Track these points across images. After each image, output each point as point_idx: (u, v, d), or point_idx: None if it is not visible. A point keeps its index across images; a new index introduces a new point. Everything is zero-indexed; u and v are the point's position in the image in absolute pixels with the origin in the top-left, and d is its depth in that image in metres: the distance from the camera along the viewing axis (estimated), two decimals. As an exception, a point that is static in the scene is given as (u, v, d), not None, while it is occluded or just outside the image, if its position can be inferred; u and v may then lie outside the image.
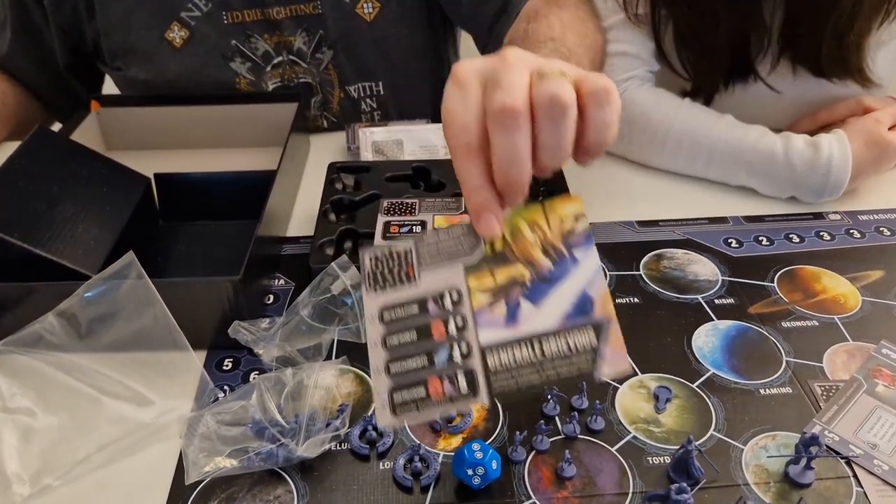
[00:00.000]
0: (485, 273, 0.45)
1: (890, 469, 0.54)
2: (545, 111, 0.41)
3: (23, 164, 0.71)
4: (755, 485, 0.54)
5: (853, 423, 0.58)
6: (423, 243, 0.46)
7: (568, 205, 0.45)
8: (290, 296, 0.70)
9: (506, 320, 0.43)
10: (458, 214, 0.70)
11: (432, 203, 0.72)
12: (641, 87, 0.88)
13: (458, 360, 0.43)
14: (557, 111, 0.41)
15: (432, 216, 0.70)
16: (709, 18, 0.83)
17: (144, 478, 0.55)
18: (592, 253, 0.44)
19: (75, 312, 0.61)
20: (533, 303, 0.44)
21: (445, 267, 0.45)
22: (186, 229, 0.80)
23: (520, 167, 0.41)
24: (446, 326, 0.44)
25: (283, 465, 0.54)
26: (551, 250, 0.44)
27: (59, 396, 0.59)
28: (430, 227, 0.69)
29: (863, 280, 0.72)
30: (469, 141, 0.42)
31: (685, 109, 0.85)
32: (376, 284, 0.45)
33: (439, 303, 0.44)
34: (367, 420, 0.57)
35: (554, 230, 0.45)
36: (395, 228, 0.68)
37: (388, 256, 0.46)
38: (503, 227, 0.44)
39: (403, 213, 0.71)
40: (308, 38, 0.96)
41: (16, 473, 0.54)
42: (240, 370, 0.63)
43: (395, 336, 0.44)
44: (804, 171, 0.80)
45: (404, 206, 0.71)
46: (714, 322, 0.67)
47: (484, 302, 0.44)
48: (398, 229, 0.68)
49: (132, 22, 0.93)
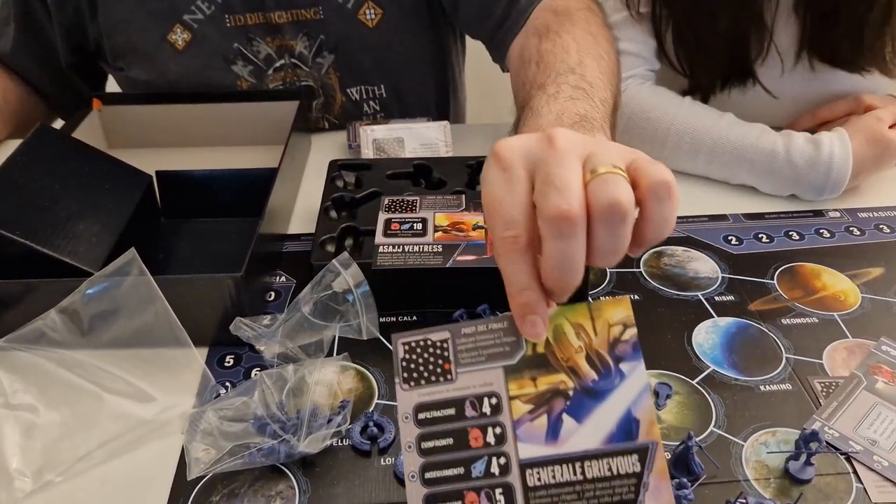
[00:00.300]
0: (525, 378, 0.41)
1: (889, 465, 0.54)
2: (604, 217, 0.38)
3: (25, 161, 0.71)
4: (755, 480, 0.54)
5: (853, 419, 0.58)
6: (459, 336, 0.42)
7: (617, 309, 0.41)
8: (292, 293, 0.71)
9: (546, 435, 0.41)
10: (459, 212, 0.69)
11: (433, 200, 0.72)
12: (642, 85, 0.88)
13: (497, 473, 0.40)
14: (617, 218, 0.38)
15: (433, 213, 0.69)
16: (707, 17, 0.83)
17: (146, 474, 0.55)
18: (640, 368, 0.41)
19: (77, 309, 0.61)
20: (576, 419, 0.41)
21: (484, 366, 0.42)
22: (188, 227, 0.80)
23: (574, 274, 0.39)
24: (484, 435, 0.41)
25: (285, 461, 0.54)
26: (596, 359, 0.41)
27: (61, 393, 0.60)
28: (430, 224, 0.68)
29: (863, 277, 0.73)
30: (517, 236, 0.39)
31: (686, 108, 0.86)
32: (410, 379, 0.42)
33: (477, 407, 0.41)
34: (368, 416, 0.57)
35: (600, 336, 0.41)
36: (395, 226, 0.68)
37: (422, 346, 0.43)
38: (548, 330, 0.41)
39: (405, 210, 0.70)
40: (309, 43, 0.96)
41: (18, 469, 0.54)
42: (241, 367, 0.63)
43: (431, 441, 0.41)
44: (805, 168, 0.80)
45: (405, 204, 0.71)
46: (714, 319, 0.68)
47: (524, 411, 0.41)
48: (399, 227, 0.67)
49: (134, 23, 0.93)
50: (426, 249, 0.65)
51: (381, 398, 0.60)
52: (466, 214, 0.69)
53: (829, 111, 0.89)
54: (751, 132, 0.83)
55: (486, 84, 1.25)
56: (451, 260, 0.64)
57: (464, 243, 0.65)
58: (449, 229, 0.67)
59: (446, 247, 0.65)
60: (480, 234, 0.66)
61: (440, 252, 0.65)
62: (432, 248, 0.65)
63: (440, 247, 0.65)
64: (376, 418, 0.57)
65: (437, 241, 0.66)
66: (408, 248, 0.65)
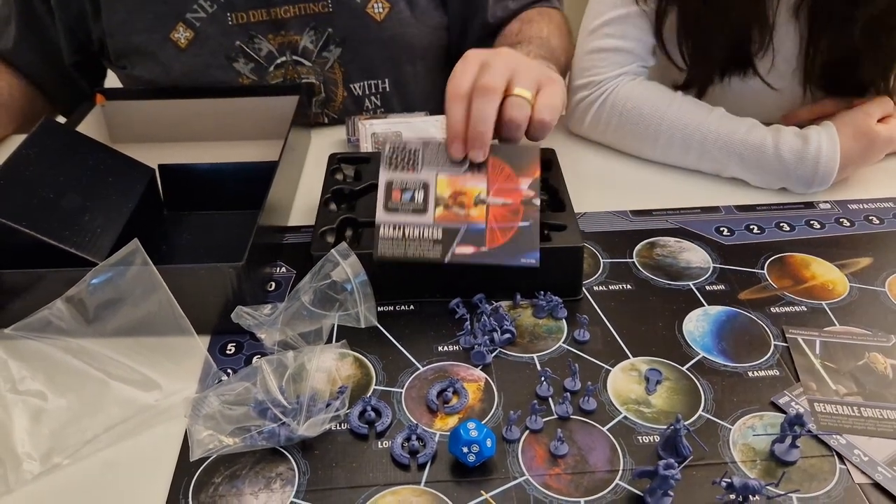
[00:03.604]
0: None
1: (869, 460, 0.56)
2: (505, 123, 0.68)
3: (31, 155, 0.73)
4: (742, 462, 0.55)
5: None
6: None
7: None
8: (292, 283, 0.72)
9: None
10: (462, 174, 0.68)
11: (435, 153, 0.69)
12: (634, 81, 0.90)
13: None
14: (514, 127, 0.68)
15: (435, 175, 0.68)
16: (714, 10, 0.84)
17: (150, 456, 0.57)
18: None
19: (83, 298, 0.63)
20: None
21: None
22: (190, 219, 0.82)
23: (483, 126, 0.66)
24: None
25: (285, 444, 0.56)
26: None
27: (67, 379, 0.61)
28: (433, 188, 0.68)
29: (851, 267, 0.74)
30: (459, 93, 0.67)
31: (677, 103, 0.87)
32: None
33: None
34: (365, 401, 0.59)
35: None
36: (396, 194, 0.67)
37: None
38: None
39: (406, 165, 0.68)
40: (316, 37, 0.97)
41: (27, 453, 0.56)
42: (242, 354, 0.65)
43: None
44: (793, 162, 0.82)
45: (407, 156, 0.69)
46: (705, 307, 0.69)
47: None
48: (400, 196, 0.67)
49: (137, 22, 0.94)
50: (426, 234, 0.65)
51: (379, 384, 0.62)
52: (469, 178, 0.68)
53: (821, 107, 0.90)
54: (740, 127, 0.84)
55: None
56: (450, 253, 0.65)
57: (464, 227, 0.66)
58: (450, 203, 0.67)
59: (446, 232, 0.65)
60: (481, 212, 0.66)
61: (440, 241, 0.65)
62: (432, 231, 0.66)
63: (440, 231, 0.66)
64: (374, 403, 0.59)
65: (437, 222, 0.66)
66: (408, 231, 0.66)
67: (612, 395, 0.60)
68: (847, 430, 0.57)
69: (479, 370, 0.63)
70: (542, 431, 0.57)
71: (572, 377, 0.61)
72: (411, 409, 0.59)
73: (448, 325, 0.67)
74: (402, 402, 0.60)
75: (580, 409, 0.59)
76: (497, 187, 0.67)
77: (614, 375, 0.62)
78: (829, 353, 0.64)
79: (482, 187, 0.67)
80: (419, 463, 0.55)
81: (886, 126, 0.83)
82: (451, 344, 0.65)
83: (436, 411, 0.59)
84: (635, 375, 0.62)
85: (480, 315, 0.67)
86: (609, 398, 0.60)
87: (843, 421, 0.58)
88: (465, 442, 0.53)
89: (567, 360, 0.63)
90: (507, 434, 0.57)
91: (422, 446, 0.56)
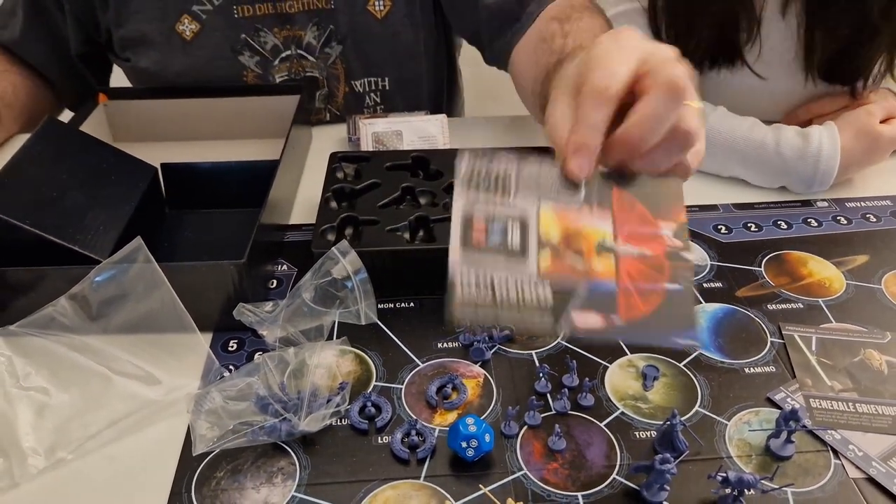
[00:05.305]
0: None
1: (864, 455, 0.56)
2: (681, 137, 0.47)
3: (34, 154, 0.74)
4: (737, 457, 0.56)
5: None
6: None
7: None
8: (293, 281, 0.73)
9: None
10: (577, 208, 0.48)
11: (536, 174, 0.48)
12: (636, 79, 0.90)
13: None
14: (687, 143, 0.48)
15: (536, 206, 0.47)
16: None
17: (153, 451, 0.57)
18: None
19: (86, 295, 0.64)
20: None
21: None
22: (192, 217, 0.83)
23: (652, 135, 0.45)
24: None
25: (286, 439, 0.57)
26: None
27: (71, 375, 0.62)
28: (533, 223, 0.47)
29: (848, 264, 0.75)
30: (609, 87, 0.45)
31: (678, 101, 0.87)
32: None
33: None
34: (366, 397, 0.60)
35: None
36: (479, 231, 0.46)
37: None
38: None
39: (493, 187, 0.48)
40: (318, 33, 0.98)
41: (31, 447, 0.57)
42: (244, 351, 0.65)
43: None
44: (794, 160, 0.82)
45: (494, 176, 0.48)
46: (702, 304, 0.70)
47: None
48: (485, 234, 0.46)
49: (143, 13, 0.95)
50: (528, 293, 0.45)
51: (379, 380, 0.62)
52: (586, 213, 0.48)
53: (824, 105, 0.90)
54: (742, 125, 0.85)
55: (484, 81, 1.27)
56: (567, 324, 0.44)
57: (585, 285, 0.46)
58: (561, 248, 0.46)
59: (559, 291, 0.45)
60: (608, 264, 0.46)
61: (548, 304, 0.45)
62: (536, 289, 0.45)
63: (548, 290, 0.45)
64: (374, 399, 0.59)
65: (544, 276, 0.45)
66: (500, 285, 0.45)
67: (609, 391, 0.61)
68: (842, 426, 0.58)
69: (478, 366, 0.63)
70: (540, 427, 0.58)
71: (570, 373, 0.62)
72: (411, 405, 0.60)
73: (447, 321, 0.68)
74: (401, 398, 0.61)
75: (578, 404, 0.60)
76: (629, 230, 0.47)
77: (612, 372, 0.63)
78: (824, 349, 0.64)
79: (606, 229, 0.47)
80: (419, 458, 0.56)
81: (889, 126, 0.83)
82: (451, 340, 0.66)
83: (435, 407, 0.60)
84: (632, 372, 0.63)
85: (480, 312, 0.67)
86: (606, 394, 0.61)
87: (838, 416, 0.58)
88: (464, 437, 0.54)
89: (565, 356, 0.63)
90: (505, 429, 0.58)
91: (421, 441, 0.56)
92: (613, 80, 0.45)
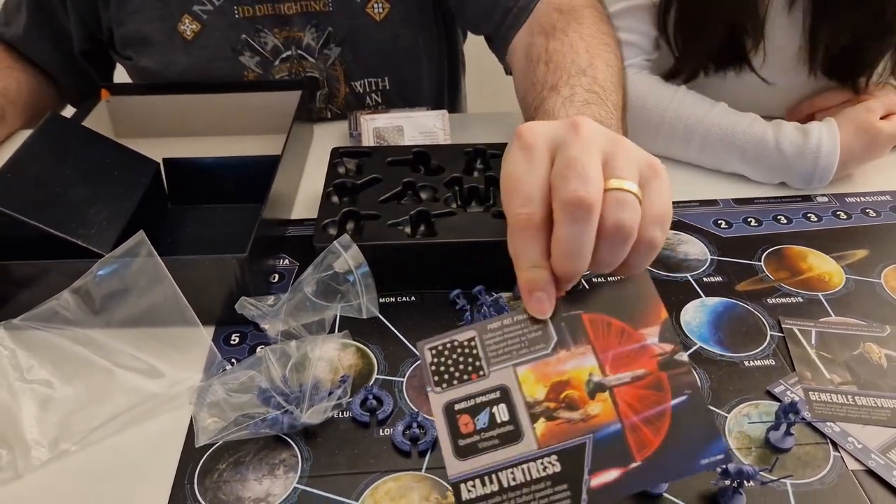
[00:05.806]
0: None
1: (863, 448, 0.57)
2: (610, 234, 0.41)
3: (37, 149, 0.74)
4: (737, 450, 0.56)
5: (833, 392, 0.60)
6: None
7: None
8: (295, 275, 0.73)
9: None
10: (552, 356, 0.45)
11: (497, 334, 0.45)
12: (639, 74, 0.90)
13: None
14: (620, 238, 0.42)
15: (512, 370, 0.44)
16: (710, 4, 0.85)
17: (157, 443, 0.58)
18: None
19: (89, 289, 0.64)
20: None
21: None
22: (194, 212, 0.83)
23: (581, 261, 0.41)
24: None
25: (288, 431, 0.57)
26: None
27: (74, 368, 0.62)
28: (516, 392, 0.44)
29: (848, 259, 0.75)
30: (531, 213, 0.42)
31: (680, 97, 0.88)
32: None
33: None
34: (367, 389, 0.60)
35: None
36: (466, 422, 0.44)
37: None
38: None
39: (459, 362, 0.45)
40: (316, 35, 0.98)
41: (35, 439, 0.57)
42: (246, 344, 0.66)
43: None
44: (793, 156, 0.83)
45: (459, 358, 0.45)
46: (702, 299, 0.70)
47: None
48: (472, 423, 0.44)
49: (144, 13, 0.95)
50: (536, 473, 0.42)
51: (381, 373, 0.63)
52: (564, 357, 0.44)
53: (825, 100, 0.91)
54: (742, 120, 0.85)
55: (486, 80, 1.27)
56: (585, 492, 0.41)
57: (588, 440, 0.43)
58: (553, 407, 0.43)
59: (565, 456, 0.42)
60: (606, 405, 0.43)
61: (561, 475, 0.42)
62: (543, 465, 0.42)
63: (554, 460, 0.42)
64: (375, 392, 0.60)
65: (544, 445, 0.42)
66: (506, 478, 0.42)
67: (609, 384, 0.61)
68: (841, 419, 0.58)
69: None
70: (540, 419, 0.58)
71: (571, 366, 0.62)
72: (412, 398, 0.60)
73: (448, 315, 0.68)
74: (403, 391, 0.61)
75: (578, 397, 0.60)
76: (613, 355, 0.44)
77: (612, 365, 0.63)
78: (824, 342, 0.65)
79: (590, 364, 0.44)
80: (420, 450, 0.56)
81: (889, 123, 0.83)
82: (452, 334, 0.66)
83: (436, 400, 0.60)
84: (633, 365, 0.63)
85: (480, 306, 0.67)
86: (607, 387, 0.61)
87: (838, 409, 0.59)
88: (465, 429, 0.54)
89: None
90: (506, 422, 0.58)
91: (422, 433, 0.57)
92: (532, 206, 0.42)
